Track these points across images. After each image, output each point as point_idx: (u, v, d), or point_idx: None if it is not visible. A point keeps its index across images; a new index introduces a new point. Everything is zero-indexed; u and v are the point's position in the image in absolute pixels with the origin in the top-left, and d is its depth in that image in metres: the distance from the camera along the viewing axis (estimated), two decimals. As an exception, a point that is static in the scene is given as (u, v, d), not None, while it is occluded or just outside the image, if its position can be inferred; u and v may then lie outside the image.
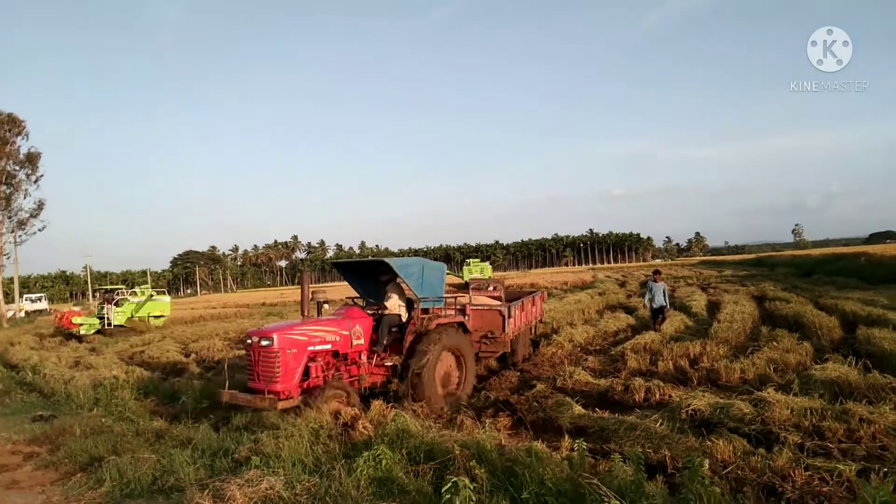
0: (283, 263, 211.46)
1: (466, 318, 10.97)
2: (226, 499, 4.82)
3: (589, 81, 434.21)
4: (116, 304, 29.61)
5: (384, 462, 5.43)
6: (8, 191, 48.68)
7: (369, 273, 11.02)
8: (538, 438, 6.95)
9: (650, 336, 13.92)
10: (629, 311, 21.74)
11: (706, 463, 4.46)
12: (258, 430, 7.30)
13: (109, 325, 28.47)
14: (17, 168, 49.17)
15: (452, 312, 10.70)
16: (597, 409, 8.43)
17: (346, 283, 11.24)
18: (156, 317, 30.72)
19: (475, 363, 10.79)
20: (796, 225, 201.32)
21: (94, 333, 28.02)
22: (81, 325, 28.48)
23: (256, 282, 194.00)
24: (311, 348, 8.64)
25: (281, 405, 7.93)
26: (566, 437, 6.66)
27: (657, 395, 9.10)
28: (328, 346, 8.89)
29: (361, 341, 9.36)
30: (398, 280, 10.15)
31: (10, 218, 48.96)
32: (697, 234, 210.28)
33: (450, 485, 4.47)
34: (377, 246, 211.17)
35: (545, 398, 9.06)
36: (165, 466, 6.31)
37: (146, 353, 19.98)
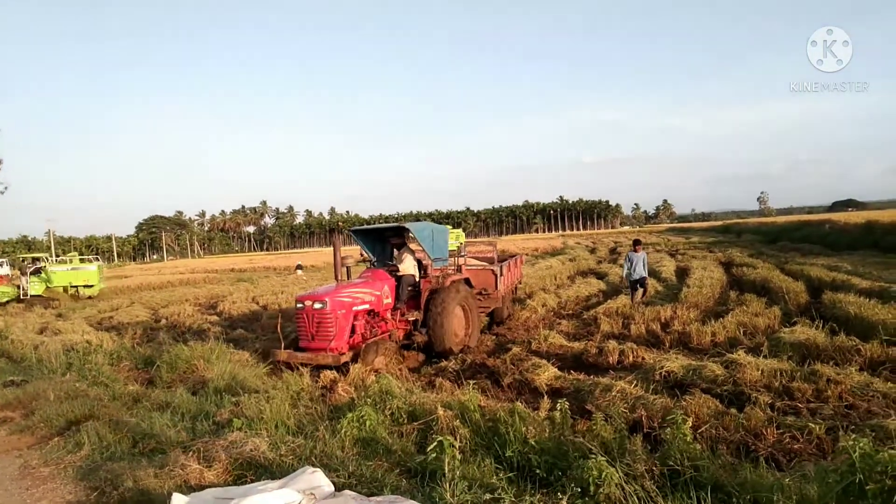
0: (251, 229, 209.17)
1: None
2: (211, 460, 4.82)
3: (562, 48, 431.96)
4: (34, 273, 28.79)
5: (368, 423, 5.48)
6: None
7: (379, 238, 12.01)
8: (516, 400, 7.09)
9: (622, 300, 14.16)
10: (600, 276, 22.04)
11: (689, 421, 4.58)
12: (238, 393, 7.28)
13: (26, 295, 27.87)
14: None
15: (453, 272, 11.72)
16: (572, 371, 8.56)
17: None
18: (85, 286, 29.69)
19: (478, 316, 11.97)
20: (761, 193, 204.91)
21: (9, 302, 27.39)
22: None
23: (224, 247, 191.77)
24: (355, 308, 9.56)
25: (342, 360, 8.79)
26: (545, 398, 6.75)
27: (630, 358, 9.25)
28: (367, 306, 9.86)
29: (389, 300, 10.41)
30: (408, 243, 11.28)
31: (-32, 180, 47.64)
32: (665, 201, 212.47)
33: (435, 444, 4.54)
34: (348, 212, 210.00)
35: (521, 361, 9.17)
36: (146, 430, 6.26)
37: (115, 318, 19.77)
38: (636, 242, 14.99)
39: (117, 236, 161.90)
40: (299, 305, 9.39)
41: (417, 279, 10.87)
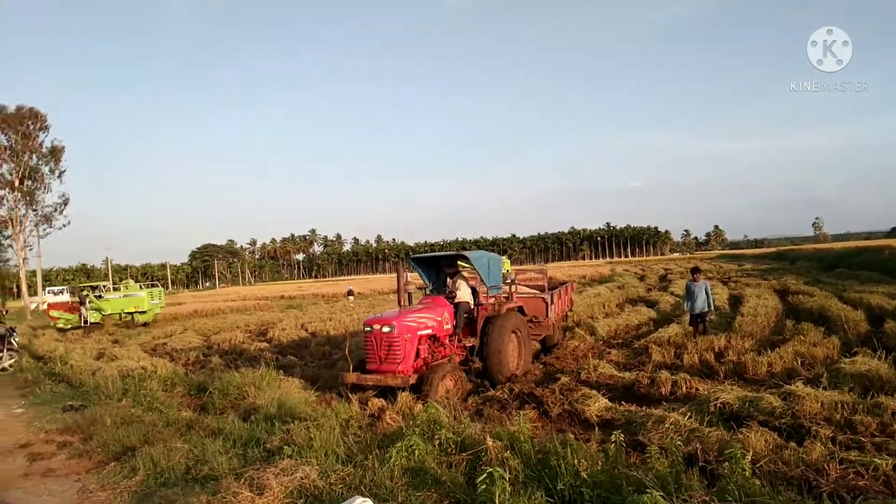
0: (300, 257, 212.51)
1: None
2: (262, 487, 4.86)
3: (606, 73, 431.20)
4: (87, 302, 29.65)
5: (417, 452, 5.45)
6: (32, 185, 49.31)
7: (434, 267, 12.19)
8: (564, 431, 6.98)
9: (673, 329, 13.85)
10: (650, 304, 21.65)
11: (748, 455, 4.43)
12: (288, 420, 7.34)
13: (86, 322, 28.76)
14: (41, 162, 49.80)
15: (508, 299, 11.94)
16: (623, 402, 8.40)
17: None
18: (140, 312, 30.38)
19: (530, 342, 12.13)
20: (816, 218, 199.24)
21: (72, 329, 28.25)
22: (59, 318, 28.94)
23: (274, 275, 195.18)
24: (419, 333, 9.83)
25: (411, 381, 9.08)
26: (596, 430, 6.63)
27: (684, 389, 9.04)
28: (429, 331, 10.11)
29: (449, 326, 10.60)
30: (462, 271, 11.56)
31: (34, 212, 49.62)
32: (716, 227, 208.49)
33: (485, 475, 4.49)
34: (394, 239, 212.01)
35: (570, 391, 9.04)
36: (198, 456, 6.37)
37: (168, 344, 20.23)
38: (695, 270, 14.06)
39: (172, 264, 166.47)
40: (367, 329, 9.70)
41: (472, 306, 11.06)
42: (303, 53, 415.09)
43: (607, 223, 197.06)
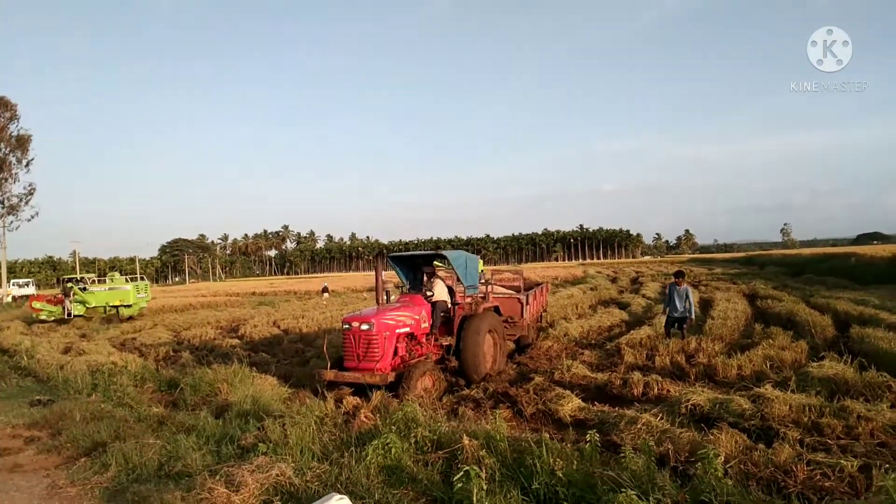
0: (272, 253, 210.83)
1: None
2: (238, 484, 4.83)
3: (581, 77, 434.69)
4: (72, 295, 29.12)
5: (393, 450, 5.46)
6: (-1, 175, 48.38)
7: (412, 266, 12.28)
8: (539, 430, 7.04)
9: (645, 331, 14.02)
10: (622, 306, 21.87)
11: (721, 456, 4.51)
12: (262, 417, 7.29)
13: (69, 315, 28.29)
14: (8, 151, 48.84)
15: (484, 299, 11.99)
16: (595, 402, 8.50)
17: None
18: (125, 306, 29.77)
19: (505, 342, 12.21)
20: (785, 224, 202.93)
21: (54, 321, 27.84)
22: (41, 310, 28.48)
23: (246, 271, 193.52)
24: (397, 331, 9.88)
25: (388, 380, 9.10)
26: (570, 429, 6.70)
27: (655, 390, 9.17)
28: (407, 329, 10.15)
29: (426, 324, 10.65)
30: (438, 271, 11.67)
31: (0, 203, 48.66)
32: (687, 231, 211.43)
33: (461, 474, 4.52)
34: (368, 237, 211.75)
35: (544, 391, 9.11)
36: (171, 452, 6.31)
37: (138, 339, 19.95)
38: (678, 274, 13.42)
39: (141, 258, 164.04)
40: (346, 326, 9.73)
41: (449, 305, 11.12)
42: (283, 50, 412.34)
43: (580, 225, 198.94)
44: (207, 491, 4.79)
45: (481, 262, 15.06)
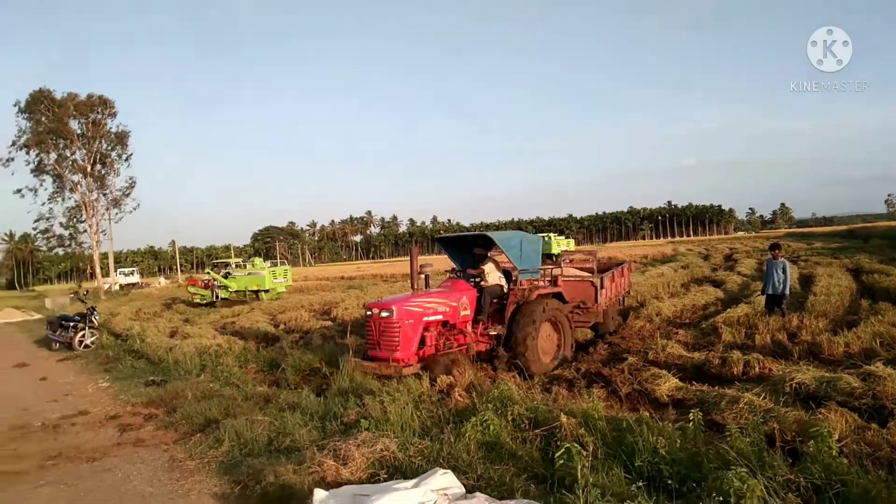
0: (357, 238, 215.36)
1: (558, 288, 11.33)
2: (346, 458, 5.04)
3: (665, 49, 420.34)
4: (224, 277, 30.98)
5: (492, 427, 5.55)
6: (102, 170, 51.22)
7: (466, 247, 11.22)
8: (634, 410, 6.97)
9: (742, 309, 13.53)
10: (716, 284, 21.16)
11: (835, 434, 4.37)
12: (361, 395, 7.54)
13: (217, 299, 30.01)
14: (109, 147, 51.62)
15: (547, 283, 11.06)
16: (693, 382, 8.31)
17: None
18: (264, 291, 30.99)
19: (571, 331, 11.04)
20: (889, 195, 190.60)
21: (206, 305, 29.50)
22: (195, 294, 30.33)
23: (333, 256, 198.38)
24: (425, 319, 9.18)
25: (406, 371, 8.53)
26: (669, 408, 6.60)
27: (756, 369, 8.83)
28: (440, 317, 9.42)
29: (468, 312, 9.86)
30: (493, 253, 10.74)
31: (105, 196, 51.60)
32: (783, 205, 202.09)
33: (563, 450, 4.55)
34: (449, 220, 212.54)
35: (638, 370, 8.99)
36: (279, 428, 6.63)
37: (237, 323, 20.85)
38: (774, 246, 12.92)
39: (235, 246, 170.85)
40: (368, 313, 9.29)
41: (506, 291, 10.40)
42: (366, 36, 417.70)
43: (668, 202, 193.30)
44: (318, 464, 5.03)
45: (566, 240, 14.66)
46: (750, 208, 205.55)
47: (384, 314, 8.94)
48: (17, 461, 6.81)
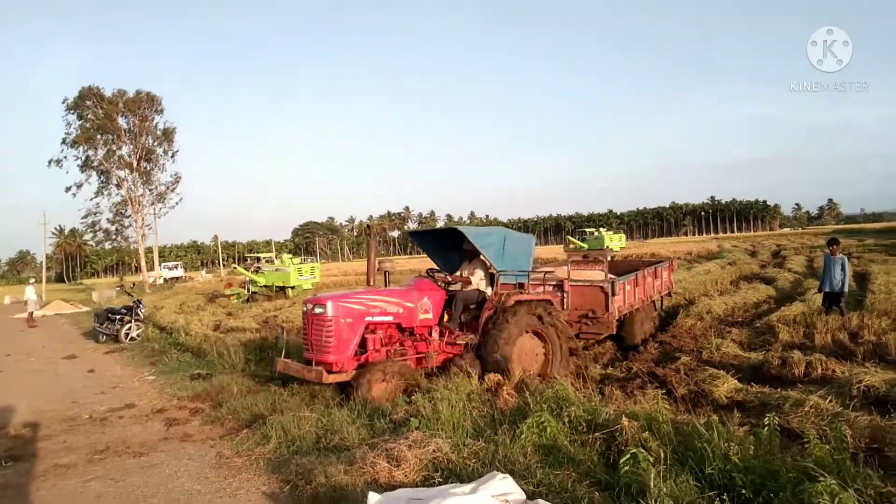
0: (395, 234, 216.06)
1: (565, 294, 10.23)
2: (399, 459, 4.87)
3: (704, 41, 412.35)
4: (255, 272, 31.44)
5: (548, 430, 5.32)
6: (148, 166, 52.23)
7: (453, 245, 9.91)
8: (689, 412, 6.66)
9: (798, 307, 13.04)
10: (767, 281, 20.60)
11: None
12: (411, 392, 7.38)
13: (249, 293, 30.44)
14: (155, 143, 52.62)
15: (544, 289, 10.05)
16: (752, 383, 7.97)
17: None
18: (290, 287, 31.38)
19: (570, 345, 9.54)
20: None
21: (245, 301, 29.93)
22: (233, 294, 31.08)
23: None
24: (369, 318, 8.13)
25: (331, 378, 7.70)
26: (735, 412, 6.30)
27: (819, 370, 8.43)
28: (390, 318, 8.35)
29: (429, 315, 8.71)
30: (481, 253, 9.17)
31: (150, 191, 52.62)
32: (830, 200, 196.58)
33: (628, 456, 4.32)
34: (487, 216, 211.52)
35: (693, 371, 8.68)
36: (326, 425, 6.48)
37: (278, 317, 20.93)
38: (831, 242, 12.27)
39: (275, 241, 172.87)
40: (304, 309, 8.37)
41: (488, 296, 9.07)
42: (407, 37, 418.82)
43: (711, 197, 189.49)
44: (370, 465, 4.87)
45: (617, 235, 13.68)
46: (796, 204, 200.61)
47: (317, 310, 7.94)
48: (67, 454, 6.81)
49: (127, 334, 16.66)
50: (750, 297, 16.53)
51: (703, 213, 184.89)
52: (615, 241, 59.31)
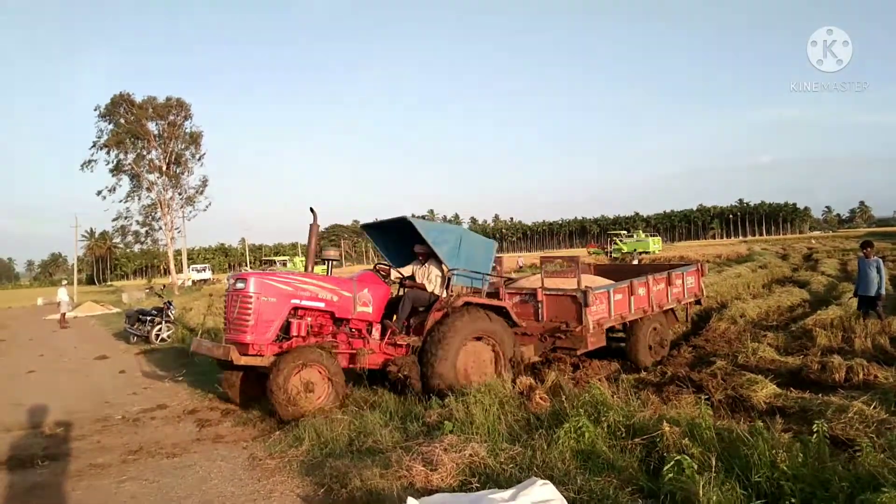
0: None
1: (539, 303, 9.66)
2: (435, 463, 4.80)
3: (730, 43, 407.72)
4: None
5: (587, 435, 5.21)
6: (177, 170, 52.96)
7: (405, 240, 9.16)
8: (726, 417, 6.52)
9: (834, 311, 12.74)
10: (800, 285, 20.22)
11: None
12: (444, 395, 7.31)
13: None
14: (184, 148, 53.37)
15: (520, 297, 9.64)
16: (791, 388, 7.78)
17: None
18: None
19: (520, 356, 8.94)
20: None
21: None
22: None
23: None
24: (296, 301, 7.62)
25: (243, 360, 7.23)
26: (777, 417, 6.14)
27: (861, 375, 8.20)
28: (321, 305, 7.84)
29: (368, 309, 8.21)
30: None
31: (179, 195, 53.34)
32: (861, 203, 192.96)
33: (672, 463, 4.20)
34: (511, 218, 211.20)
35: (729, 375, 8.49)
36: (359, 428, 6.44)
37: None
38: (865, 244, 12.10)
39: (302, 244, 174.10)
40: (226, 284, 7.80)
41: (437, 296, 8.64)
42: (434, 39, 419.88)
43: (740, 200, 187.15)
44: (406, 469, 4.80)
45: (654, 238, 13.16)
46: (826, 206, 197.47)
47: (238, 285, 7.43)
48: (102, 454, 6.84)
49: (158, 335, 16.83)
50: (784, 300, 16.23)
51: (731, 216, 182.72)
52: (655, 245, 59.33)
